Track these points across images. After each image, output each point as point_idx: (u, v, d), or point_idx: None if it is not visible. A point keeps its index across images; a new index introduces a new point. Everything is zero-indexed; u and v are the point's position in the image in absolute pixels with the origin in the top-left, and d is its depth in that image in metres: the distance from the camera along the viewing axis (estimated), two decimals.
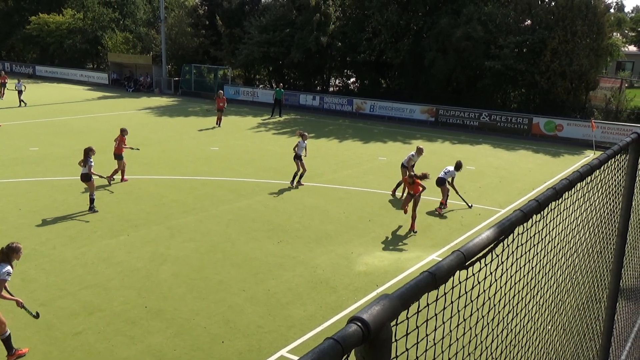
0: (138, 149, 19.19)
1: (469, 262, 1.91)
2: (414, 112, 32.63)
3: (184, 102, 38.58)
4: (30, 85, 44.54)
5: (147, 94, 42.25)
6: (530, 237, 2.85)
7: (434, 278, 1.70)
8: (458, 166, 14.79)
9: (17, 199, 14.59)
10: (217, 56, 42.85)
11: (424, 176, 13.25)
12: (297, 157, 16.63)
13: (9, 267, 7.36)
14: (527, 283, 2.98)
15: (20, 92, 32.40)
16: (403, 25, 34.94)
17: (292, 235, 12.70)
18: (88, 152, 13.39)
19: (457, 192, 14.89)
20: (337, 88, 43.61)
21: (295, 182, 16.69)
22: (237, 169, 19.02)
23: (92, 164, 13.52)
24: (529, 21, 32.31)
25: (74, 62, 54.06)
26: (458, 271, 1.83)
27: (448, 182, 14.75)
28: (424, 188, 13.13)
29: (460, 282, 2.14)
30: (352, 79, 43.74)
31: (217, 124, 27.92)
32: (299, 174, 16.65)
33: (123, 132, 16.66)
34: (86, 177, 13.45)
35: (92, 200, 13.58)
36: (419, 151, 15.98)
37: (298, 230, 13.01)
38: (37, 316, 8.01)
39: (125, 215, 13.70)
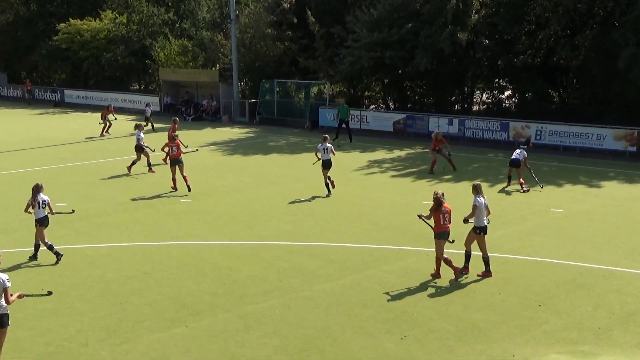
0: (197, 150, 20.03)
1: None
2: (604, 138, 31.63)
3: (263, 133, 39.84)
4: (56, 117, 48.00)
5: (213, 124, 44.11)
6: None
7: None
8: (527, 142, 24.49)
9: (39, 275, 15.53)
10: (309, 67, 44.03)
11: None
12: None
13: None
14: None
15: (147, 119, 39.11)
16: (583, 10, 34.28)
17: (422, 327, 12.54)
18: (39, 190, 16.37)
19: (531, 172, 23.00)
20: (485, 106, 43.25)
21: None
22: (340, 229, 19.16)
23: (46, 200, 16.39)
24: None
25: (115, 82, 57.66)
26: None
27: (522, 162, 23.64)
28: None
29: None
30: (507, 92, 43.21)
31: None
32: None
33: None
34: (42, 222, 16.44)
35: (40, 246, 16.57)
36: None
37: (431, 321, 12.82)
38: (49, 293, 11.79)
39: (182, 297, 14.13)
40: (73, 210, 18.13)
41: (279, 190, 24.16)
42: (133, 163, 27.52)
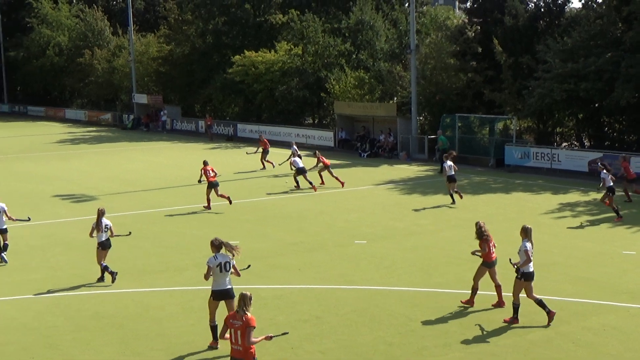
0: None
1: None
2: None
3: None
4: (229, 151, 50.15)
5: (389, 160, 44.47)
6: None
7: None
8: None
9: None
10: (495, 100, 43.52)
11: None
12: None
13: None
14: None
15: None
16: None
17: None
18: (103, 214, 18.95)
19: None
20: None
21: None
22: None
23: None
24: None
25: (288, 116, 59.52)
26: None
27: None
28: None
29: None
30: None
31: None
32: None
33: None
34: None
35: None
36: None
37: None
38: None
39: (357, 346, 14.32)
40: (130, 233, 20.84)
41: (460, 234, 23.95)
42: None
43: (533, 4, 46.03)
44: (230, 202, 28.96)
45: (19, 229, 24.49)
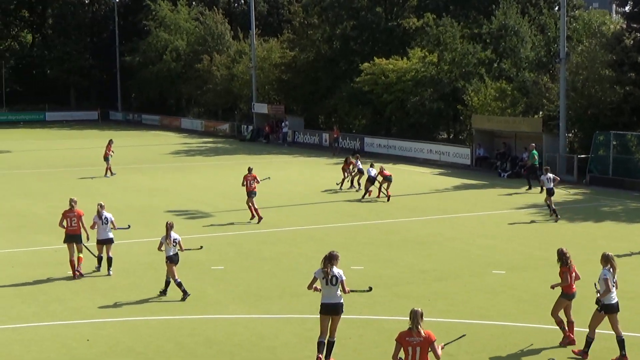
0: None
1: None
2: None
3: (594, 195, 38.89)
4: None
5: (532, 182, 43.57)
6: None
7: None
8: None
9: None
10: None
11: None
12: None
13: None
14: None
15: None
16: None
17: None
18: (172, 228, 20.19)
19: None
20: None
21: None
22: None
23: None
24: None
25: (420, 130, 59.28)
26: None
27: None
28: None
29: None
30: None
31: None
32: None
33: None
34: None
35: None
36: None
37: None
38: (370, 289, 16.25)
39: None
40: (201, 247, 22.36)
41: (628, 269, 23.17)
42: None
43: None
44: (257, 219, 30.49)
45: (129, 245, 25.36)
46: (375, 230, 29.53)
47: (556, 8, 60.91)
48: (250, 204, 30.56)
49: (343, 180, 40.04)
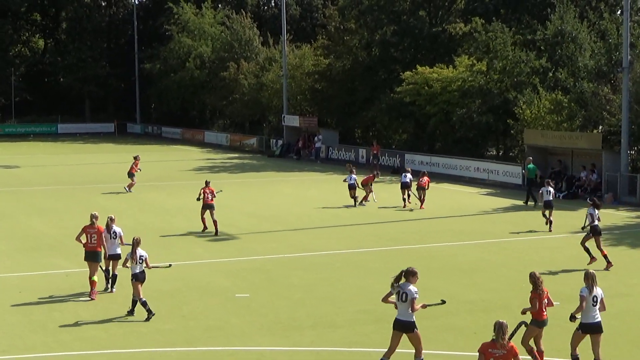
0: None
1: None
2: None
3: None
4: (393, 187, 50.25)
5: (581, 203, 43.27)
6: None
7: None
8: None
9: None
10: None
11: None
12: None
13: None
14: None
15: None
16: None
17: None
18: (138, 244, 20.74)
19: None
20: None
21: None
22: None
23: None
24: None
25: (467, 145, 58.87)
26: None
27: None
28: None
29: None
30: None
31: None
32: None
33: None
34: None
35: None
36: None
37: None
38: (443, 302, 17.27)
39: None
40: (170, 265, 23.11)
41: None
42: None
43: None
44: (214, 232, 32.55)
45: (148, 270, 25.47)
46: (416, 255, 29.40)
47: (619, 12, 60.43)
48: (204, 217, 33.04)
49: (365, 197, 41.02)
